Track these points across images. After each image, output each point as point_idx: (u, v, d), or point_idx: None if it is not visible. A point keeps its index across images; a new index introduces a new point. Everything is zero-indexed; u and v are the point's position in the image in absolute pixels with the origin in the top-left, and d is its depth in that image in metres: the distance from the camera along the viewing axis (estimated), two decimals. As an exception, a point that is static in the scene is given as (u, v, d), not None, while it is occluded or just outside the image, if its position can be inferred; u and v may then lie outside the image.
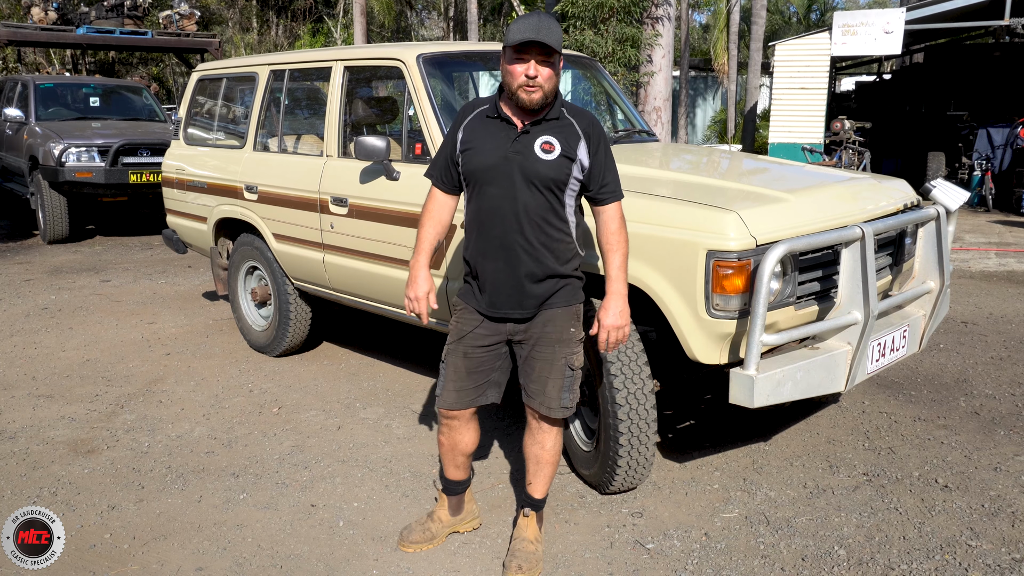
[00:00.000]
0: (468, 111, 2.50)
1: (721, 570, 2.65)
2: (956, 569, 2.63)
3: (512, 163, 2.38)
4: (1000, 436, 3.63)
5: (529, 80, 2.32)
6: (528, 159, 2.38)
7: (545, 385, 2.52)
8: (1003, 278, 6.86)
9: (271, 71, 4.59)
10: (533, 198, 2.39)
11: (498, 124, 2.43)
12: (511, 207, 2.39)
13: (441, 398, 2.60)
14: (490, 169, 2.40)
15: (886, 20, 11.75)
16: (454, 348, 2.57)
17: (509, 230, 2.41)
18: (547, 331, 2.50)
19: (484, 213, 2.44)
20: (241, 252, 4.85)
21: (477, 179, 2.43)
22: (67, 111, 9.87)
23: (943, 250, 3.22)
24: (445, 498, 2.84)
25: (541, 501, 2.73)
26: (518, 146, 2.39)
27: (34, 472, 3.39)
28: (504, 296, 2.47)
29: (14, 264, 7.79)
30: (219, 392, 4.31)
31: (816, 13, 32.71)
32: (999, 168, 11.23)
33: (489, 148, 2.41)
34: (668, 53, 9.81)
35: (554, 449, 2.65)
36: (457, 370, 2.57)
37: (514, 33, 2.30)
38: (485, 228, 2.44)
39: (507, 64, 2.35)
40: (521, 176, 2.38)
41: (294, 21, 26.34)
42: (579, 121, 2.44)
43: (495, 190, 2.40)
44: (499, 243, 2.42)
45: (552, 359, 2.51)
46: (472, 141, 2.43)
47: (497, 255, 2.44)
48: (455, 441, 2.70)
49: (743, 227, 2.65)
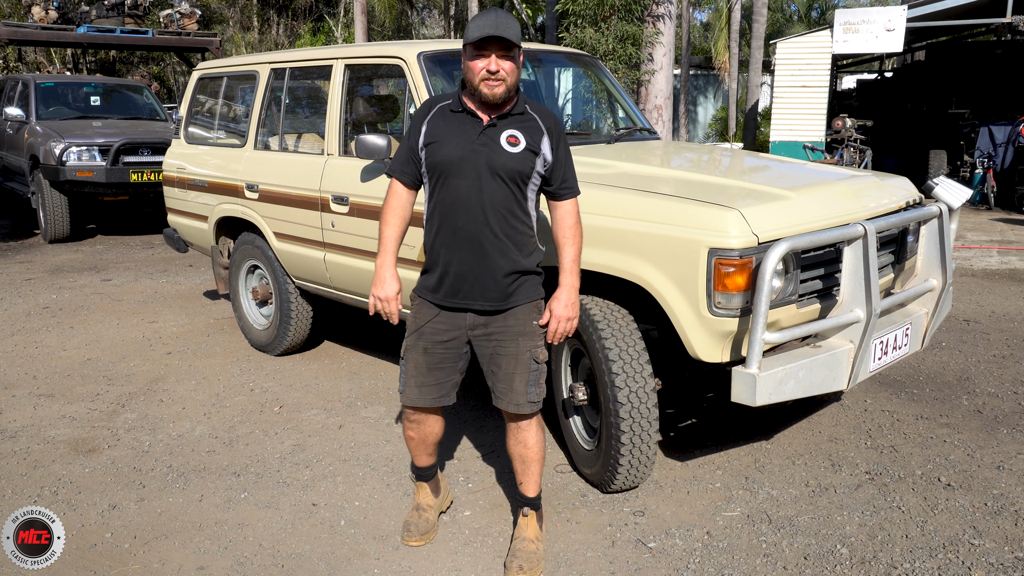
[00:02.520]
0: (430, 106, 2.53)
1: (723, 569, 2.65)
2: (959, 568, 2.62)
3: (479, 155, 2.43)
4: (1003, 434, 3.62)
5: (490, 75, 2.37)
6: (494, 151, 2.43)
7: (512, 381, 2.55)
8: (1005, 276, 6.85)
9: (272, 70, 4.59)
10: (499, 190, 2.44)
11: (463, 118, 2.47)
12: (477, 198, 2.44)
13: (404, 395, 2.64)
14: (456, 161, 2.44)
15: (887, 18, 11.73)
16: (413, 344, 2.59)
17: (475, 221, 2.45)
18: (509, 325, 2.53)
19: (449, 204, 2.47)
20: (242, 251, 4.84)
21: (442, 171, 2.46)
22: (68, 110, 9.87)
23: (945, 248, 3.21)
24: (424, 484, 2.91)
25: (536, 499, 2.73)
26: (484, 139, 2.44)
27: (35, 471, 3.39)
28: (468, 285, 2.49)
29: (15, 263, 7.79)
30: (220, 391, 4.31)
31: (817, 11, 32.66)
32: (1001, 166, 11.22)
33: (455, 141, 2.45)
34: (669, 51, 9.80)
35: (537, 445, 2.67)
36: (418, 366, 2.60)
37: (473, 30, 2.36)
38: (449, 219, 2.47)
39: (468, 61, 2.41)
40: (487, 168, 2.43)
41: (295, 20, 26.34)
42: (542, 117, 2.51)
43: (460, 181, 2.44)
44: (465, 234, 2.46)
45: (517, 353, 2.54)
46: (437, 135, 2.47)
47: (462, 245, 2.47)
48: (424, 434, 2.77)
49: (745, 225, 2.64)
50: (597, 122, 5.24)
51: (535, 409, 2.59)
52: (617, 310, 3.00)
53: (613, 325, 2.93)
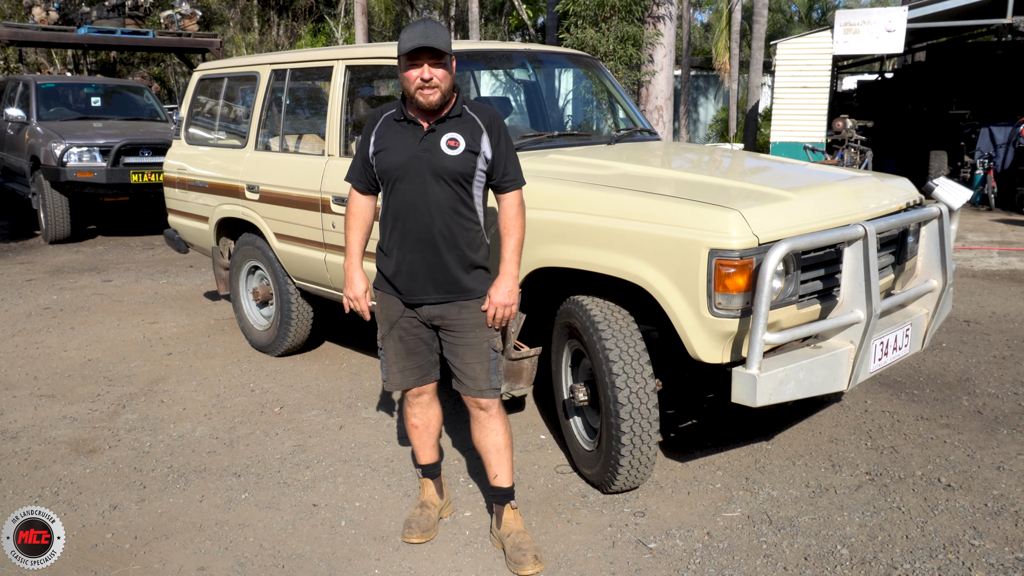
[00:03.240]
0: (377, 117, 2.66)
1: (723, 569, 2.65)
2: (959, 568, 2.62)
3: (422, 161, 2.55)
4: (1003, 435, 3.62)
5: (424, 83, 2.48)
6: (435, 156, 2.55)
7: (473, 370, 2.66)
8: (1006, 277, 6.85)
9: (272, 71, 4.59)
10: (443, 191, 2.56)
11: (405, 126, 2.59)
12: (423, 200, 2.56)
13: (388, 382, 2.78)
14: (401, 167, 2.57)
15: (888, 19, 11.73)
16: (388, 332, 2.73)
17: (423, 222, 2.57)
18: (464, 317, 2.65)
19: (398, 208, 2.60)
20: (243, 252, 4.85)
21: (390, 177, 2.59)
22: (68, 111, 9.88)
23: (946, 249, 3.21)
24: (429, 481, 2.97)
25: (512, 488, 2.79)
26: (426, 144, 2.56)
27: (36, 472, 3.39)
28: (419, 283, 2.62)
29: (16, 264, 7.79)
30: (221, 392, 4.31)
31: (818, 12, 32.68)
32: (1001, 167, 11.21)
33: (400, 148, 2.58)
34: (669, 52, 9.80)
35: (507, 432, 2.76)
36: (397, 352, 2.74)
37: (405, 42, 2.47)
38: (400, 221, 2.60)
39: (403, 72, 2.51)
40: (430, 172, 2.55)
41: (295, 21, 26.36)
42: (480, 116, 2.62)
43: (407, 186, 2.57)
44: (415, 235, 2.59)
45: (476, 343, 2.66)
46: (383, 143, 2.60)
47: (414, 246, 2.60)
48: (427, 421, 2.88)
49: (745, 225, 2.64)
50: (597, 123, 5.25)
51: (497, 395, 2.71)
52: (617, 311, 3.00)
53: (613, 326, 2.93)
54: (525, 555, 2.64)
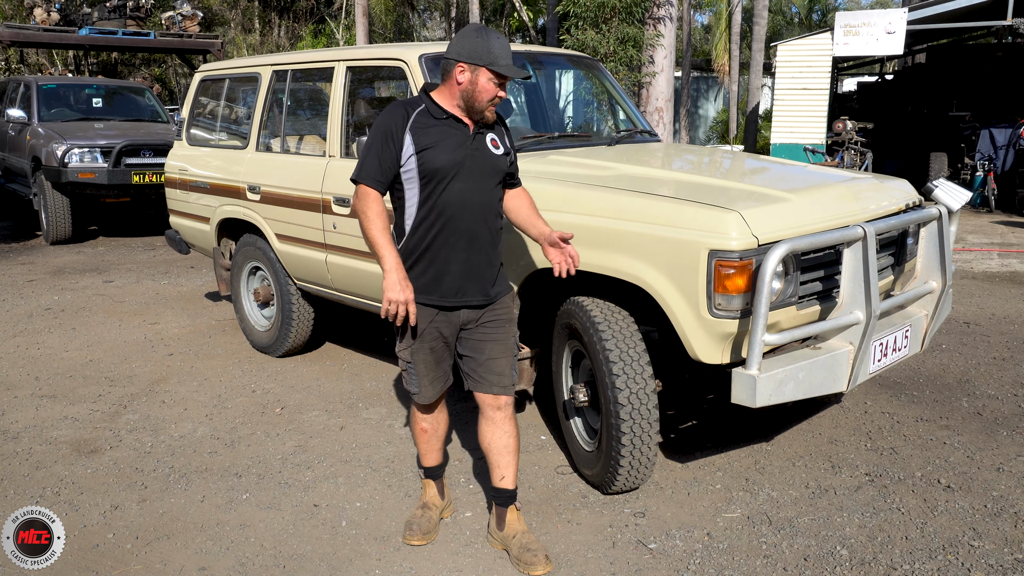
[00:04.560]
0: (403, 113, 2.55)
1: (723, 570, 2.65)
2: (959, 569, 2.63)
3: (475, 160, 2.56)
4: (1002, 436, 3.63)
5: (497, 100, 2.53)
6: (487, 155, 2.59)
7: (498, 366, 2.67)
8: (1005, 279, 6.85)
9: (273, 72, 4.60)
10: (493, 191, 2.61)
11: (450, 124, 2.55)
12: (477, 199, 2.56)
13: (421, 394, 2.74)
14: (455, 165, 2.53)
15: (888, 20, 11.75)
16: (418, 347, 2.67)
17: (476, 221, 2.57)
18: (498, 314, 2.67)
19: (449, 207, 2.54)
20: (244, 252, 4.86)
21: (441, 176, 2.52)
22: (70, 112, 9.89)
23: (945, 250, 3.22)
24: (431, 483, 2.98)
25: (516, 491, 2.80)
26: (477, 143, 2.57)
27: (37, 472, 3.40)
28: (469, 283, 2.60)
29: (17, 264, 7.80)
30: (222, 392, 4.32)
31: (818, 13, 32.70)
32: (1001, 168, 11.22)
33: (452, 146, 2.53)
34: (670, 53, 9.81)
35: (517, 434, 2.78)
36: (427, 365, 2.70)
37: (499, 59, 2.47)
38: (451, 222, 2.55)
39: (481, 82, 2.49)
40: (481, 171, 2.57)
41: (296, 22, 26.38)
42: (502, 122, 2.70)
43: (461, 185, 2.54)
44: (468, 234, 2.57)
45: (505, 339, 2.68)
46: (426, 140, 2.52)
47: (464, 246, 2.57)
48: (436, 425, 2.88)
49: (745, 227, 2.65)
50: (598, 124, 5.26)
51: (514, 392, 2.73)
52: (618, 312, 3.01)
53: (614, 327, 2.94)
54: (536, 555, 2.64)
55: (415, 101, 2.60)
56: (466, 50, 2.48)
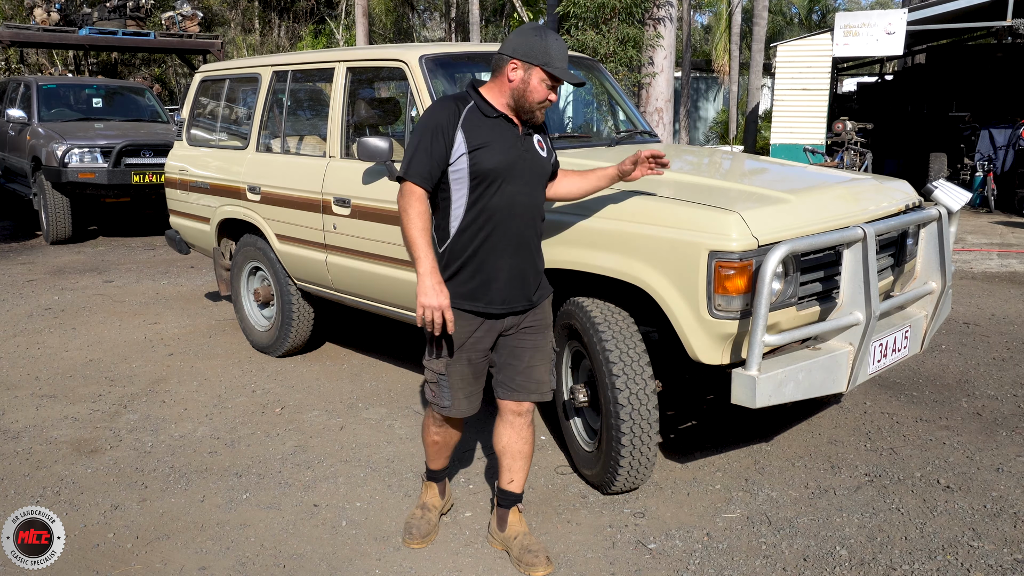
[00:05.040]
0: (454, 108, 2.43)
1: (723, 570, 2.65)
2: (958, 570, 2.63)
3: (525, 161, 2.49)
4: (1002, 437, 3.63)
5: (549, 104, 2.47)
6: (536, 157, 2.53)
7: (536, 372, 2.62)
8: (1005, 279, 6.86)
9: (274, 72, 4.61)
10: (540, 194, 2.58)
11: (500, 123, 2.46)
12: (527, 202, 2.50)
13: (453, 408, 2.59)
14: (508, 167, 2.44)
15: (888, 21, 11.75)
16: (456, 358, 2.53)
17: (525, 225, 2.51)
18: (539, 318, 2.62)
19: (502, 210, 2.45)
20: (244, 253, 4.86)
21: (494, 177, 2.42)
22: (70, 112, 9.89)
23: (945, 251, 3.22)
24: (434, 485, 2.94)
25: (522, 494, 2.79)
26: (527, 144, 2.51)
27: (37, 472, 3.40)
28: (517, 290, 2.53)
29: (17, 264, 7.80)
30: (222, 392, 4.32)
31: (818, 14, 32.70)
32: (1001, 169, 11.22)
33: (504, 146, 2.44)
34: (670, 54, 9.82)
35: (533, 440, 2.75)
36: (464, 378, 2.57)
37: (558, 61, 2.40)
38: (503, 225, 2.46)
39: (534, 83, 2.41)
40: (531, 173, 2.52)
41: (296, 22, 26.38)
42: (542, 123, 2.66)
43: (513, 187, 2.46)
44: (517, 239, 2.49)
45: (544, 345, 2.64)
46: (480, 139, 2.41)
47: (513, 251, 2.49)
48: (449, 437, 2.80)
49: (745, 228, 2.65)
50: (598, 125, 5.26)
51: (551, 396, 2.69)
52: (618, 312, 3.01)
53: (614, 327, 2.94)
54: (537, 556, 2.64)
55: (463, 97, 2.48)
56: (522, 47, 2.39)
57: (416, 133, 2.43)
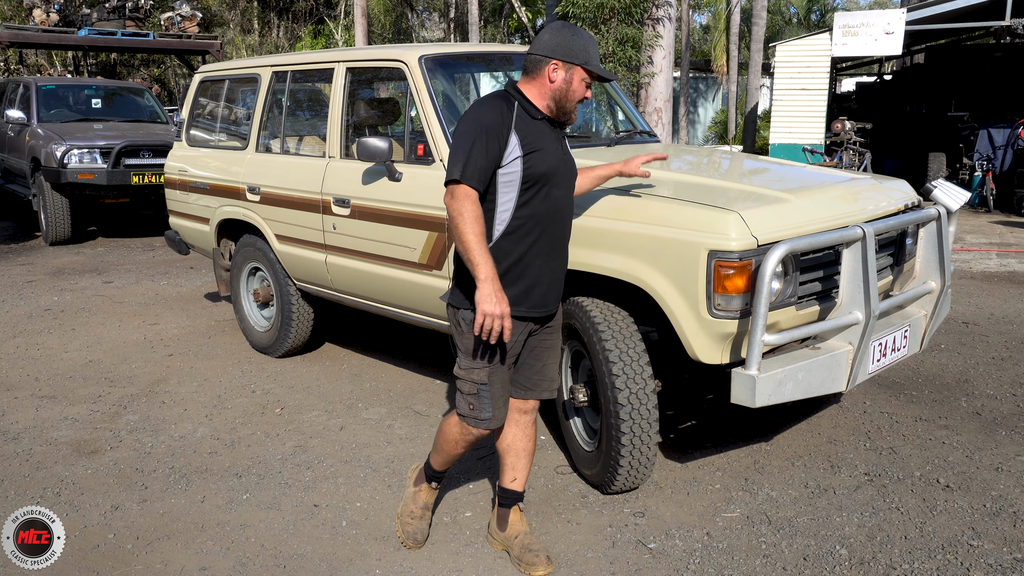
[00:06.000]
0: (503, 108, 2.35)
1: (723, 569, 2.66)
2: (958, 569, 2.63)
3: (568, 165, 2.51)
4: (1002, 436, 3.64)
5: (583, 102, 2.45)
6: (570, 159, 2.54)
7: (550, 371, 2.65)
8: (1004, 279, 6.86)
9: (273, 72, 4.61)
10: (572, 198, 2.58)
11: (544, 125, 2.43)
12: (568, 207, 2.53)
13: (495, 418, 2.52)
14: (555, 171, 2.42)
15: (887, 21, 11.76)
16: (502, 367, 2.47)
17: (566, 228, 2.54)
18: (556, 319, 2.65)
19: (548, 215, 2.42)
20: (243, 253, 4.86)
21: (544, 181, 2.38)
22: (69, 113, 9.88)
23: (944, 250, 3.23)
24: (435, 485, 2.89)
25: (524, 493, 2.79)
26: (564, 147, 2.52)
27: (37, 473, 3.40)
28: (555, 292, 2.56)
29: (16, 265, 7.80)
30: (222, 393, 4.32)
31: (816, 14, 32.69)
32: (1000, 169, 11.23)
33: (552, 150, 2.41)
34: (669, 54, 9.82)
35: (535, 438, 2.77)
36: (504, 386, 2.53)
37: (595, 59, 2.41)
38: (550, 230, 2.44)
39: (576, 82, 2.39)
40: (570, 176, 2.53)
41: (295, 23, 26.38)
42: None
43: (559, 192, 2.45)
44: (559, 242, 2.51)
45: (558, 343, 2.69)
46: (534, 142, 2.36)
47: (556, 254, 2.51)
48: (472, 447, 2.69)
49: (744, 227, 2.66)
50: (597, 125, 5.26)
51: None
52: (617, 312, 3.01)
53: (613, 327, 2.94)
54: (538, 556, 2.64)
55: (506, 97, 2.40)
56: (562, 48, 2.35)
57: (467, 134, 2.31)
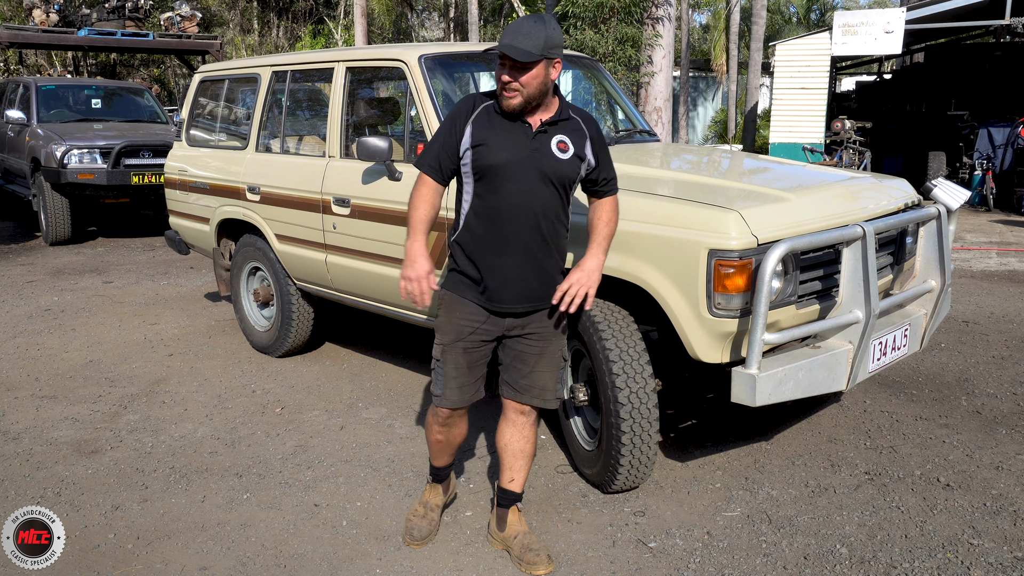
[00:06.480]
0: (471, 106, 2.50)
1: (723, 568, 2.66)
2: (958, 567, 2.64)
3: (533, 161, 2.44)
4: (1002, 435, 3.64)
5: (503, 85, 2.38)
6: (547, 158, 2.45)
7: (540, 378, 2.60)
8: (1004, 277, 6.86)
9: (273, 72, 4.61)
10: (550, 195, 2.47)
11: (508, 122, 2.46)
12: (529, 204, 2.45)
13: (444, 398, 2.60)
14: (509, 165, 2.43)
15: (886, 20, 11.76)
16: (452, 346, 2.55)
17: (527, 227, 2.46)
18: (546, 324, 2.57)
19: (500, 209, 2.45)
20: (243, 253, 4.86)
21: (494, 175, 2.43)
22: (69, 113, 9.88)
23: (944, 249, 3.23)
24: (437, 485, 2.91)
25: (523, 494, 2.78)
26: (536, 144, 2.45)
27: (38, 473, 3.40)
28: (512, 291, 2.50)
29: (16, 265, 7.80)
30: (222, 392, 4.32)
31: (816, 13, 32.70)
32: (1000, 167, 11.24)
33: (508, 145, 2.43)
34: (668, 53, 9.82)
35: (535, 440, 2.74)
36: (459, 367, 2.57)
37: (504, 38, 2.37)
38: (500, 224, 2.46)
39: (498, 69, 2.41)
40: (539, 174, 2.44)
41: (295, 23, 26.38)
42: (585, 123, 2.55)
43: (514, 187, 2.43)
44: (515, 239, 2.46)
45: (551, 353, 2.60)
46: (485, 137, 2.43)
47: (510, 250, 2.47)
48: (452, 436, 2.75)
49: (744, 226, 2.66)
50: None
51: (560, 403, 2.67)
52: (617, 311, 3.01)
53: (613, 326, 2.94)
54: (538, 555, 2.64)
55: (482, 94, 2.54)
56: None
57: (439, 126, 2.53)
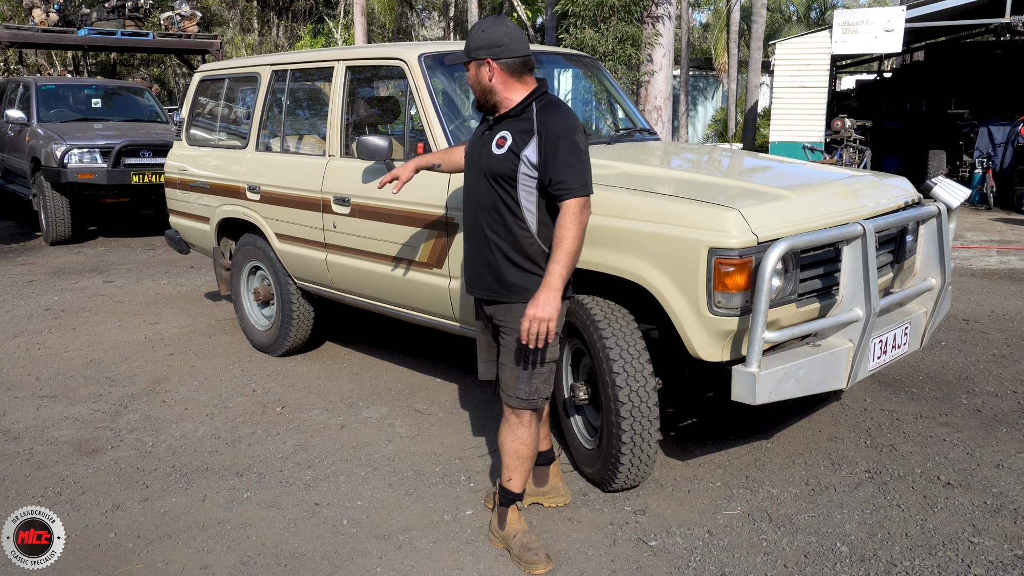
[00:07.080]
0: None
1: (724, 567, 2.66)
2: (958, 566, 2.64)
3: (478, 155, 2.60)
4: (1002, 433, 3.64)
5: None
6: (484, 153, 2.56)
7: (505, 373, 2.64)
8: (1004, 276, 6.86)
9: (273, 71, 4.60)
10: (487, 190, 2.55)
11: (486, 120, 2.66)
12: (474, 197, 2.62)
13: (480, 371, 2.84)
14: (467, 159, 2.67)
15: (886, 18, 11.75)
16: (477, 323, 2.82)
17: (473, 216, 2.62)
18: (509, 320, 2.60)
19: (463, 199, 2.70)
20: (244, 252, 4.86)
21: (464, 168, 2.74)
22: (69, 112, 9.88)
23: (944, 247, 3.22)
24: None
25: (522, 494, 2.78)
26: (484, 140, 2.59)
27: (38, 472, 3.41)
28: (474, 277, 2.67)
29: (17, 265, 7.80)
30: (222, 392, 4.33)
31: (816, 11, 32.66)
32: (1000, 166, 11.23)
33: (472, 140, 2.68)
34: (668, 52, 9.82)
35: (533, 443, 2.70)
36: (480, 344, 2.83)
37: None
38: (465, 212, 2.68)
39: None
40: (479, 169, 2.58)
41: (295, 22, 26.38)
42: (539, 119, 2.46)
43: (467, 179, 2.66)
44: (470, 229, 2.65)
45: (508, 348, 2.61)
46: None
47: (467, 239, 2.68)
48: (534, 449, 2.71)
49: (745, 224, 2.66)
50: (597, 123, 5.25)
51: (521, 406, 2.60)
52: (618, 310, 3.01)
53: (614, 325, 2.94)
54: (537, 554, 2.64)
55: None
56: None
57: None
